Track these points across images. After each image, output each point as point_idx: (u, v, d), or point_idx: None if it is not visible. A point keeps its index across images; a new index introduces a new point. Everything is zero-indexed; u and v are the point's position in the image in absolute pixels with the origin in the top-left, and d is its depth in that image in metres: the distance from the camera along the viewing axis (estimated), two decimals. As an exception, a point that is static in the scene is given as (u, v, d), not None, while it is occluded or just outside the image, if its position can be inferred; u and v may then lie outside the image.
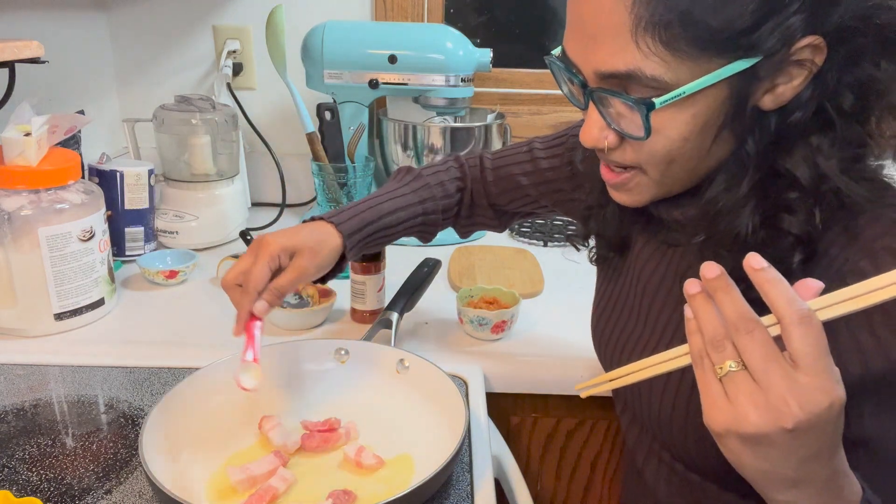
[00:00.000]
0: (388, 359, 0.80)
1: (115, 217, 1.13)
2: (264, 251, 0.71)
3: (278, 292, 0.71)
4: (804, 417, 0.41)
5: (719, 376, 0.44)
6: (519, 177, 0.87)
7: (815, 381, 0.41)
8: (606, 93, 0.53)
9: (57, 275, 0.89)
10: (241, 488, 0.63)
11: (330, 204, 1.12)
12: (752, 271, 0.42)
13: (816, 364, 0.41)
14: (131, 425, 0.74)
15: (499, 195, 0.89)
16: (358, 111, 1.25)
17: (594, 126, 0.56)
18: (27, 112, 0.89)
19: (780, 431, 0.41)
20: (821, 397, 0.41)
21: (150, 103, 1.30)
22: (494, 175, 0.89)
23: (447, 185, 0.89)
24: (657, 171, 0.56)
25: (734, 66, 0.49)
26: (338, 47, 1.21)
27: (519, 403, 0.91)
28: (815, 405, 0.41)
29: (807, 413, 0.41)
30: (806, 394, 0.41)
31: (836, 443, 0.44)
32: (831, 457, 0.45)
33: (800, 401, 0.41)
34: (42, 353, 0.87)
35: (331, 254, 0.76)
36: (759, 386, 0.42)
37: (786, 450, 0.43)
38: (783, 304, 0.41)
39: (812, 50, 0.49)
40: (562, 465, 0.97)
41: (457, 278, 1.11)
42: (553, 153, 0.85)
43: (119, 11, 1.40)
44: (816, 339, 0.41)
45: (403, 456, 0.69)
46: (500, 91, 1.47)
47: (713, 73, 0.49)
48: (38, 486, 0.64)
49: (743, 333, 0.43)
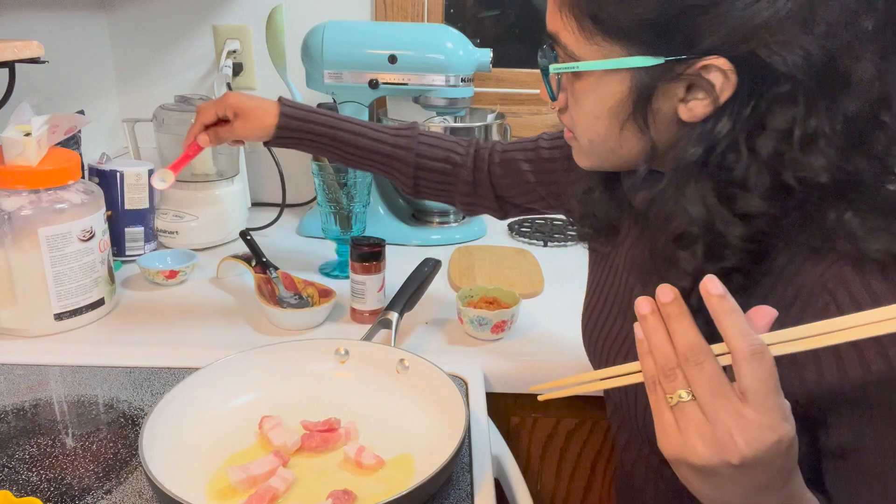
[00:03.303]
0: (388, 359, 0.80)
1: (115, 217, 1.13)
2: (219, 101, 0.91)
3: (214, 136, 0.92)
4: (750, 454, 0.40)
5: (670, 405, 0.43)
6: (521, 162, 0.90)
7: (763, 417, 0.40)
8: (543, 49, 0.59)
9: (57, 275, 0.89)
10: (241, 488, 0.63)
11: (330, 204, 1.12)
12: (707, 296, 0.42)
13: (766, 400, 0.40)
14: (131, 425, 0.74)
15: (501, 178, 0.92)
16: (358, 111, 1.25)
17: (546, 87, 0.62)
18: (27, 112, 0.89)
19: (726, 465, 0.41)
20: (768, 434, 0.40)
21: (150, 103, 1.30)
22: (501, 158, 0.92)
23: (438, 151, 0.92)
24: (584, 141, 0.60)
25: (633, 61, 0.51)
26: (338, 47, 1.20)
27: (519, 403, 0.91)
28: (762, 442, 0.40)
29: (753, 449, 0.40)
30: (752, 430, 0.40)
31: (787, 474, 0.44)
32: (783, 486, 0.44)
33: (746, 437, 0.40)
34: (42, 353, 0.87)
35: (264, 129, 0.90)
36: (708, 419, 0.41)
37: (734, 482, 0.42)
38: (736, 337, 0.41)
39: (721, 75, 0.48)
40: (562, 465, 0.97)
41: (457, 278, 1.11)
42: (555, 144, 0.88)
43: (119, 11, 1.40)
44: (766, 376, 0.40)
45: (403, 456, 0.69)
46: (500, 91, 1.47)
47: (611, 61, 0.52)
48: (38, 486, 0.64)
49: (692, 365, 0.42)
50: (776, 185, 0.49)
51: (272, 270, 1.05)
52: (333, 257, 1.18)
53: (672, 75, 0.51)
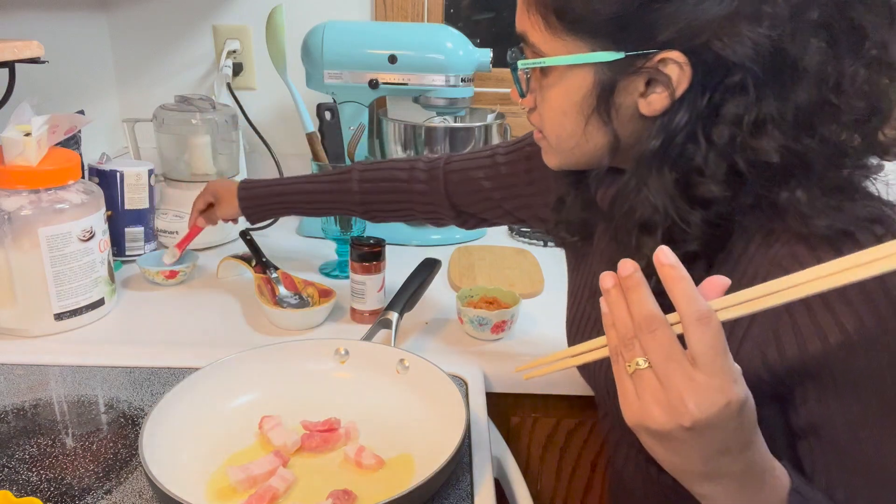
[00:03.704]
0: (388, 359, 0.80)
1: (115, 217, 1.13)
2: (204, 191, 1.07)
3: (207, 219, 1.08)
4: (701, 416, 0.42)
5: (629, 373, 0.45)
6: (482, 181, 0.90)
7: (713, 380, 0.42)
8: (513, 49, 0.60)
9: (57, 275, 0.89)
10: (241, 488, 0.63)
11: (330, 204, 1.12)
12: (659, 266, 0.43)
13: (713, 363, 0.42)
14: (131, 425, 0.74)
15: (460, 196, 0.92)
16: (358, 111, 1.25)
17: (516, 87, 0.63)
18: (27, 112, 0.89)
19: (680, 429, 0.43)
20: (717, 397, 0.42)
21: (150, 103, 1.30)
22: (459, 177, 0.92)
23: (379, 173, 0.96)
24: (552, 139, 0.62)
25: (596, 56, 0.54)
26: (338, 47, 1.20)
27: (519, 403, 0.91)
28: (712, 404, 0.42)
29: (703, 412, 0.42)
30: (702, 393, 0.42)
31: (746, 439, 0.45)
32: (742, 451, 0.45)
33: (696, 400, 0.42)
34: (42, 353, 0.87)
35: (235, 209, 1.03)
36: (662, 384, 0.43)
37: (690, 446, 0.44)
38: (684, 304, 0.42)
39: (677, 67, 0.51)
40: (562, 465, 0.97)
41: (457, 278, 1.11)
42: (511, 158, 0.88)
43: (119, 11, 1.40)
44: (714, 339, 0.42)
45: (403, 456, 0.69)
46: (500, 91, 1.47)
47: (575, 56, 0.55)
48: (38, 486, 0.64)
49: (646, 332, 0.44)
50: (732, 170, 0.52)
51: (272, 270, 1.05)
52: (333, 257, 1.18)
53: (632, 69, 0.53)
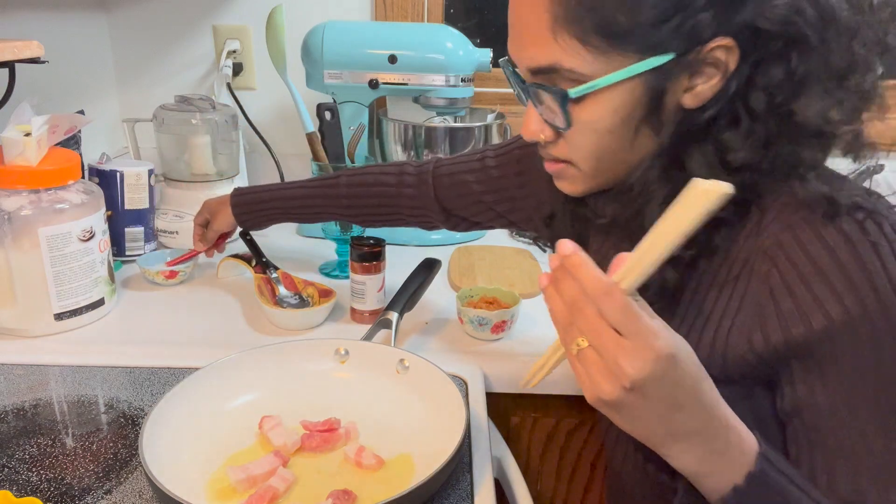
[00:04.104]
0: (388, 359, 0.80)
1: (115, 217, 1.13)
2: (201, 210, 1.08)
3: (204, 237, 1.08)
4: (637, 375, 0.45)
5: (575, 355, 0.48)
6: (472, 184, 0.90)
7: (637, 341, 0.45)
8: (535, 87, 0.56)
9: (57, 275, 0.89)
10: (241, 488, 0.63)
11: (330, 204, 1.12)
12: (563, 257, 0.47)
13: (631, 326, 0.45)
14: (131, 425, 0.74)
15: (451, 200, 0.92)
16: (358, 111, 1.25)
17: (532, 121, 0.60)
18: (27, 112, 0.89)
19: (625, 392, 0.45)
20: (645, 353, 0.44)
21: (150, 103, 1.30)
22: (449, 181, 0.92)
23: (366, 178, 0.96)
24: (587, 164, 0.59)
25: (646, 63, 0.52)
26: (338, 47, 1.20)
27: (519, 403, 0.91)
28: (643, 361, 0.45)
29: (637, 370, 0.45)
30: (631, 354, 0.45)
31: (692, 391, 0.48)
32: (693, 406, 0.48)
33: (628, 361, 0.45)
34: (42, 353, 0.87)
35: (230, 220, 1.04)
36: (601, 357, 0.46)
37: (641, 407, 0.46)
38: (589, 283, 0.46)
39: (725, 51, 0.52)
40: (562, 465, 0.97)
41: (457, 278, 1.11)
42: (501, 161, 0.88)
43: (119, 11, 1.40)
44: (623, 306, 0.45)
45: (403, 456, 0.69)
46: (500, 91, 1.47)
47: (626, 69, 0.52)
48: (38, 486, 0.64)
49: (577, 313, 0.47)
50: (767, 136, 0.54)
51: (272, 270, 1.05)
52: (333, 257, 1.18)
53: (682, 67, 0.52)
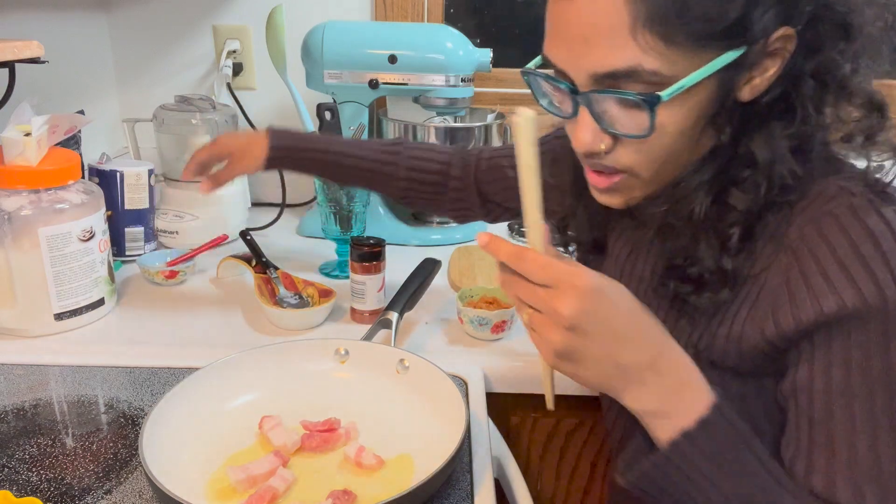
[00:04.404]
0: (388, 359, 0.80)
1: (115, 217, 1.13)
2: (213, 146, 0.94)
3: (215, 181, 0.95)
4: (571, 313, 0.49)
5: (528, 326, 0.53)
6: (507, 169, 0.90)
7: (562, 286, 0.50)
8: (604, 93, 0.53)
9: (57, 275, 0.89)
10: (241, 488, 0.63)
11: (330, 204, 1.12)
12: (483, 247, 0.52)
13: (553, 277, 0.50)
14: (131, 425, 0.74)
15: (488, 184, 0.93)
16: (358, 111, 1.25)
17: (587, 131, 0.56)
18: (27, 112, 0.89)
19: (568, 335, 0.50)
20: (571, 293, 0.49)
21: (150, 103, 1.30)
22: (487, 164, 0.93)
23: (426, 164, 0.94)
24: (649, 171, 0.57)
25: (725, 58, 0.50)
26: (338, 47, 1.20)
27: (519, 403, 0.91)
28: (570, 297, 0.49)
29: (570, 308, 0.49)
30: (561, 298, 0.50)
31: (635, 324, 0.52)
32: (638, 337, 0.52)
33: (561, 304, 0.49)
34: (42, 353, 0.87)
35: (255, 161, 0.93)
36: (543, 312, 0.51)
37: (588, 346, 0.51)
38: (502, 255, 0.52)
39: (784, 41, 0.52)
40: (562, 465, 0.97)
41: (457, 278, 1.11)
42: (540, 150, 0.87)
43: (119, 11, 1.40)
44: (538, 264, 0.50)
45: (403, 456, 0.69)
46: (500, 91, 1.47)
47: (708, 65, 0.50)
48: (38, 486, 0.64)
49: (509, 287, 0.52)
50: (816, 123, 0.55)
51: (272, 270, 1.05)
52: (333, 257, 1.18)
53: (750, 60, 0.52)
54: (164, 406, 0.68)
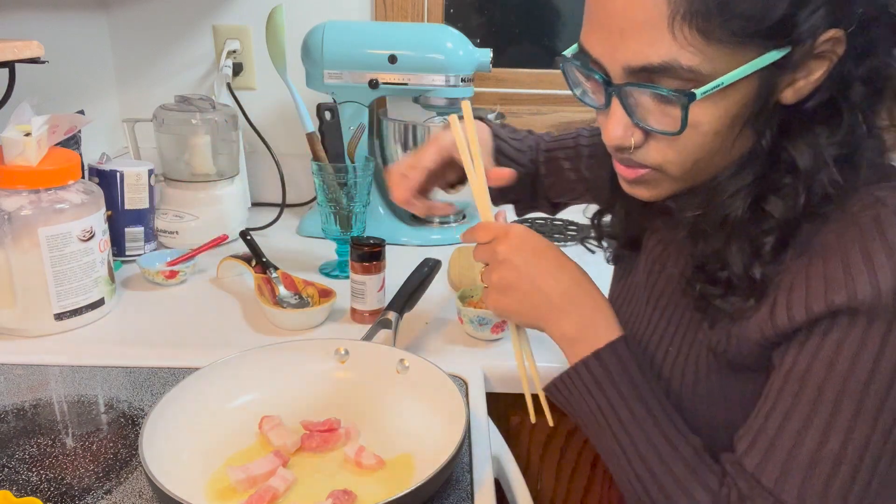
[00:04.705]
0: (388, 359, 0.80)
1: (115, 217, 1.13)
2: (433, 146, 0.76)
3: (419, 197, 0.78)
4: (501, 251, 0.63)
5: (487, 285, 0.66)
6: (562, 161, 0.88)
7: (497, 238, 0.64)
8: (638, 86, 0.52)
9: (57, 275, 0.89)
10: (241, 488, 0.63)
11: (330, 204, 1.12)
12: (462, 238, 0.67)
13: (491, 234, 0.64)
14: (131, 425, 0.74)
15: (545, 176, 0.89)
16: (358, 111, 1.25)
17: (619, 124, 0.55)
18: (27, 112, 0.89)
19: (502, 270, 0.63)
20: (503, 239, 0.63)
21: (150, 103, 1.30)
22: (545, 157, 0.89)
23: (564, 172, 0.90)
24: (679, 169, 0.56)
25: (767, 58, 0.49)
26: (338, 47, 1.20)
27: (519, 403, 0.91)
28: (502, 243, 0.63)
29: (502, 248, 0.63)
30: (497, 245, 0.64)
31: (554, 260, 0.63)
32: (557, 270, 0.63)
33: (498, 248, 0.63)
34: (42, 353, 0.87)
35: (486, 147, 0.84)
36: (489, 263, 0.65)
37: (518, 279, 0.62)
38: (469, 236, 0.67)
39: (833, 43, 0.50)
40: (562, 465, 0.96)
41: (457, 278, 1.11)
42: (594, 142, 0.86)
43: (119, 11, 1.40)
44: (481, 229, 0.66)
45: (403, 456, 0.69)
46: (500, 91, 1.47)
47: (749, 64, 0.49)
48: (38, 486, 0.64)
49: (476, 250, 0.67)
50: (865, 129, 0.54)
51: (272, 270, 1.05)
52: (333, 257, 1.18)
53: (794, 61, 0.50)
54: (164, 406, 0.68)
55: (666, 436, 0.57)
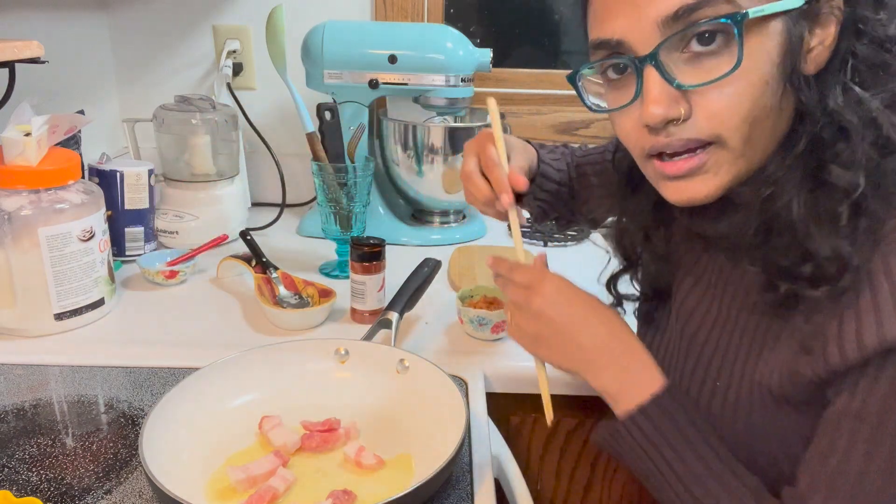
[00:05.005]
0: (388, 359, 0.80)
1: (115, 217, 1.13)
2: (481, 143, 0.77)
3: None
4: (536, 304, 0.62)
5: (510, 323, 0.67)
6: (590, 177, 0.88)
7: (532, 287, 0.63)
8: (683, 32, 0.50)
9: (57, 275, 0.89)
10: (241, 488, 0.63)
11: (330, 204, 1.12)
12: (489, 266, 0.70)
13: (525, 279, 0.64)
14: (131, 425, 0.74)
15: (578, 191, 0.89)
16: (358, 111, 1.25)
17: (661, 96, 0.51)
18: (27, 112, 0.89)
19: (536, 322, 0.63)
20: (538, 288, 0.63)
21: (150, 103, 1.30)
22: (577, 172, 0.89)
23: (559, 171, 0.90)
24: (737, 135, 0.52)
25: (789, 2, 0.49)
26: (338, 47, 1.20)
27: (519, 403, 0.91)
28: (537, 294, 0.63)
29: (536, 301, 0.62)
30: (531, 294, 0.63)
31: (590, 311, 0.62)
32: (593, 321, 0.61)
33: (532, 299, 0.63)
34: (42, 353, 0.87)
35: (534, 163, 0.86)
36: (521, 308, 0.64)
37: (553, 330, 0.62)
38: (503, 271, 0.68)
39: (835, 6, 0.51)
40: (562, 465, 0.96)
41: (457, 278, 1.11)
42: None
43: (119, 11, 1.40)
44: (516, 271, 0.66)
45: (403, 456, 0.69)
46: (500, 91, 1.47)
47: (780, 2, 0.49)
48: (38, 486, 0.64)
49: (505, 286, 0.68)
50: None
51: (272, 270, 1.05)
52: (333, 257, 1.18)
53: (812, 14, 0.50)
54: (164, 406, 0.68)
55: (724, 483, 0.56)
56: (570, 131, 1.45)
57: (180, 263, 1.10)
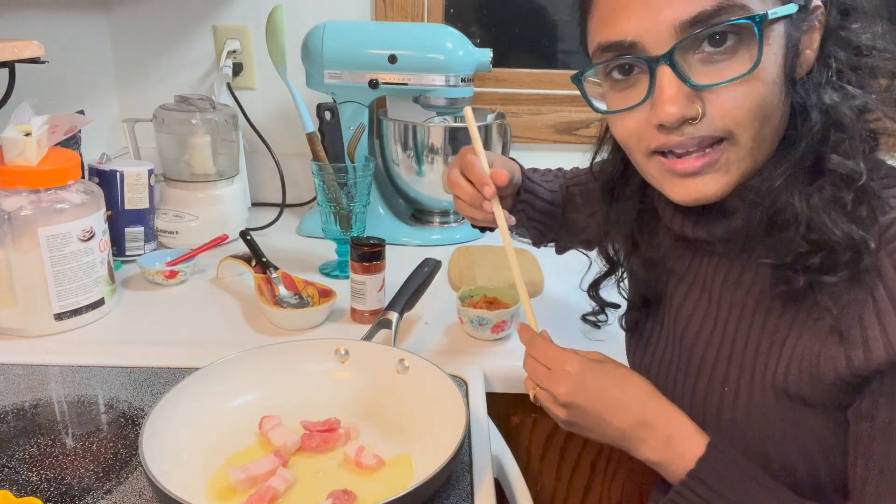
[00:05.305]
0: (388, 359, 0.80)
1: (115, 217, 1.13)
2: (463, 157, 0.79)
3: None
4: (562, 394, 0.61)
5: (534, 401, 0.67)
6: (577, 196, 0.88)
7: (555, 371, 0.62)
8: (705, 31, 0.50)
9: (57, 275, 0.89)
10: (241, 488, 0.63)
11: (330, 204, 1.12)
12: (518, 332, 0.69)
13: (547, 358, 0.64)
14: (131, 425, 0.74)
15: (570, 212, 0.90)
16: (358, 111, 1.25)
17: (677, 95, 0.52)
18: (27, 112, 0.89)
19: (566, 411, 0.62)
20: (562, 375, 0.62)
21: (150, 103, 1.30)
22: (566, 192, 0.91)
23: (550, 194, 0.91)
24: (749, 132, 0.53)
25: (789, 7, 0.51)
26: (338, 47, 1.20)
27: (519, 403, 0.91)
28: (563, 386, 0.61)
29: (562, 390, 0.61)
30: (556, 382, 0.62)
31: (621, 392, 0.61)
32: (626, 401, 0.60)
33: (556, 389, 0.62)
34: (42, 353, 0.87)
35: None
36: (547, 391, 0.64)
37: (586, 417, 0.61)
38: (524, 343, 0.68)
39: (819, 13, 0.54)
40: (562, 465, 0.96)
41: (457, 278, 1.11)
42: None
43: (119, 11, 1.40)
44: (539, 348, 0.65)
45: (403, 456, 0.69)
46: (500, 91, 1.47)
47: (785, 7, 0.51)
48: (38, 486, 0.64)
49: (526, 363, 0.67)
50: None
51: (272, 270, 1.05)
52: (333, 257, 1.18)
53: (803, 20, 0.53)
54: (164, 406, 0.68)
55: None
56: (570, 131, 1.44)
57: (180, 263, 1.10)
